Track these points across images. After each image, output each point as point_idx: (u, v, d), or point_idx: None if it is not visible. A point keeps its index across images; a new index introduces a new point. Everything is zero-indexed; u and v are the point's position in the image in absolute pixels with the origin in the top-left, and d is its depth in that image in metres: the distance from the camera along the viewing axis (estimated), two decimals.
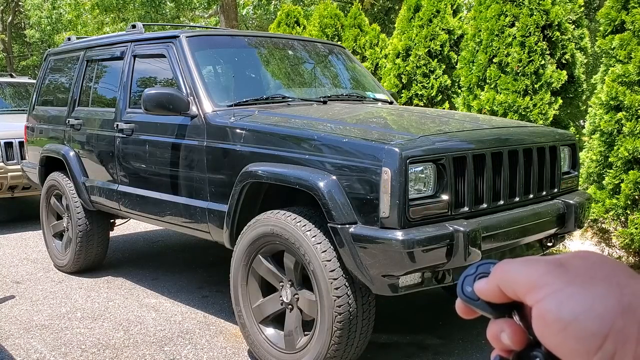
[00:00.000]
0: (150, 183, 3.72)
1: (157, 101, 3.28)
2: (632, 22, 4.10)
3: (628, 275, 0.38)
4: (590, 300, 0.37)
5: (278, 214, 2.77)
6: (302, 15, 7.79)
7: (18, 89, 8.32)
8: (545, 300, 0.38)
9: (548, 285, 0.39)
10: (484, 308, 0.44)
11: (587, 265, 0.40)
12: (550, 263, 0.40)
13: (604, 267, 0.39)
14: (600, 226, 4.46)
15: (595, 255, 0.41)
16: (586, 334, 0.36)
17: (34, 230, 6.25)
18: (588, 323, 0.36)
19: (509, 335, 0.42)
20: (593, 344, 0.36)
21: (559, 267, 0.40)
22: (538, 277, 0.39)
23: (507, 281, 0.41)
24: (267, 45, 4.16)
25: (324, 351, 2.62)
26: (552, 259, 0.41)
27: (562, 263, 0.40)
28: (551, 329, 0.38)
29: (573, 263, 0.40)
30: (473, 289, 0.44)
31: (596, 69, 5.73)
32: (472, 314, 0.45)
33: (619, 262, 0.40)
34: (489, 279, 0.43)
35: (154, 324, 3.62)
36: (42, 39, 24.53)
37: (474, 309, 0.45)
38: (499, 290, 0.42)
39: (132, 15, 15.41)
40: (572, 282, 0.38)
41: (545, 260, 0.41)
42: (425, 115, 3.46)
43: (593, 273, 0.39)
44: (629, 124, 4.05)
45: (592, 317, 0.36)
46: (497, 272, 0.42)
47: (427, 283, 2.57)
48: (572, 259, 0.41)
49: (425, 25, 5.61)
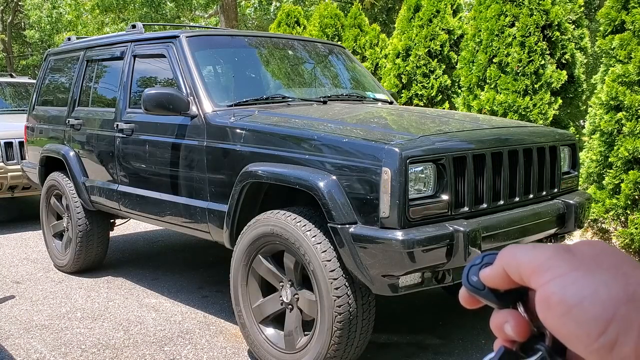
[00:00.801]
0: (150, 183, 3.72)
1: (157, 101, 3.28)
2: (632, 22, 4.10)
3: (634, 266, 0.39)
4: (595, 285, 0.37)
5: (278, 214, 2.77)
6: (303, 15, 7.80)
7: (18, 89, 8.31)
8: (550, 283, 0.38)
9: (554, 268, 0.39)
10: (489, 297, 0.43)
11: (594, 253, 0.40)
12: (558, 248, 0.40)
13: (611, 256, 0.39)
14: (600, 226, 4.46)
15: (602, 244, 0.41)
16: (589, 319, 0.36)
17: (34, 230, 6.25)
18: (592, 308, 0.36)
19: (512, 326, 0.42)
20: (595, 329, 0.36)
21: (566, 252, 0.40)
22: (544, 260, 0.40)
23: (513, 264, 0.41)
24: (267, 45, 4.16)
25: (324, 351, 2.62)
26: (560, 245, 0.41)
27: (570, 249, 0.40)
28: (554, 311, 0.38)
29: (580, 250, 0.40)
30: (479, 278, 0.44)
31: (596, 69, 5.73)
32: (476, 303, 0.45)
33: (625, 253, 0.41)
34: (495, 263, 0.43)
35: (154, 324, 3.62)
36: (42, 39, 24.52)
37: (478, 298, 0.44)
38: (505, 273, 0.42)
39: (132, 16, 15.41)
40: (578, 268, 0.38)
41: (552, 245, 0.41)
42: (425, 115, 3.46)
43: (600, 260, 0.39)
44: (629, 124, 4.05)
45: (596, 302, 0.36)
46: (504, 255, 0.42)
47: (427, 283, 2.57)
48: (579, 246, 0.41)
49: (425, 25, 5.61)
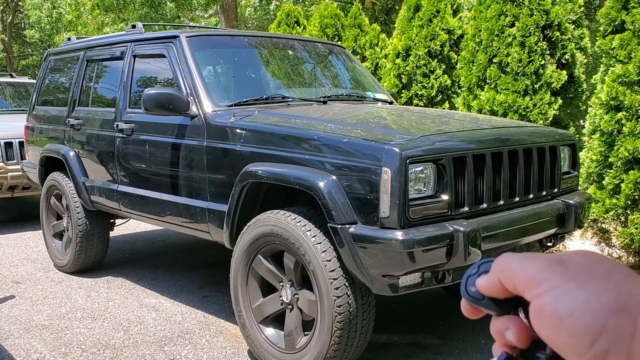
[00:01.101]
0: (150, 183, 3.72)
1: (157, 101, 3.28)
2: (632, 22, 4.10)
3: (626, 274, 0.39)
4: (586, 296, 0.38)
5: (278, 214, 2.77)
6: (302, 15, 7.79)
7: (18, 89, 8.31)
8: (544, 295, 0.39)
9: (547, 281, 0.39)
10: (490, 306, 0.44)
11: (586, 263, 0.40)
12: (550, 260, 0.41)
13: (603, 266, 0.40)
14: (600, 226, 4.46)
15: (594, 254, 0.42)
16: (580, 330, 0.37)
17: (34, 230, 6.25)
18: (583, 318, 0.37)
19: (514, 333, 0.42)
20: (586, 339, 0.36)
21: (559, 264, 0.40)
22: (537, 272, 0.40)
23: (508, 275, 0.42)
24: (267, 45, 4.16)
25: (324, 351, 2.62)
26: (552, 256, 0.41)
27: (562, 260, 0.41)
28: (547, 323, 0.38)
29: (573, 261, 0.41)
30: (477, 288, 0.44)
31: (596, 69, 5.73)
32: (478, 313, 0.46)
33: (618, 262, 0.41)
34: (489, 273, 0.43)
35: (154, 324, 3.62)
36: (42, 39, 24.52)
37: (479, 308, 0.44)
38: (500, 283, 0.42)
39: (132, 16, 15.40)
40: (571, 279, 0.39)
41: (545, 256, 0.41)
42: (425, 115, 3.46)
43: (591, 271, 0.39)
44: (629, 124, 4.05)
45: (587, 313, 0.37)
46: (498, 266, 0.43)
47: (427, 283, 2.57)
48: (572, 256, 0.41)
49: (425, 25, 5.61)
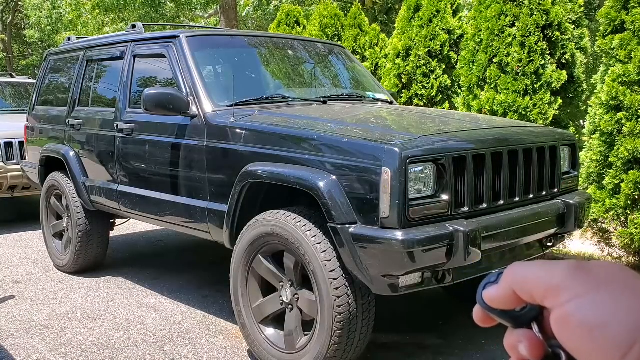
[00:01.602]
0: (150, 183, 3.72)
1: (157, 101, 3.28)
2: (632, 22, 4.10)
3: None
4: (616, 306, 0.37)
5: (278, 214, 2.77)
6: (302, 15, 7.79)
7: (18, 89, 8.31)
8: (569, 304, 0.38)
9: (571, 288, 0.38)
10: (504, 316, 0.43)
11: (608, 273, 0.39)
12: (570, 267, 0.40)
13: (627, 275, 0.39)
14: (600, 226, 4.46)
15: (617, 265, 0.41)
16: (611, 341, 0.36)
17: (34, 230, 6.25)
18: (614, 330, 0.36)
19: (527, 347, 0.42)
20: (618, 351, 0.36)
21: (581, 271, 0.40)
22: (560, 280, 0.39)
23: (524, 284, 0.41)
24: (267, 45, 4.16)
25: (324, 351, 2.62)
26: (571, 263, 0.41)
27: (584, 267, 0.40)
28: (574, 333, 0.38)
29: (593, 269, 0.40)
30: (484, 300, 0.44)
31: (596, 69, 5.73)
32: (491, 322, 0.45)
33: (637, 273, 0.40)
34: (500, 284, 0.42)
35: (154, 324, 3.62)
36: (42, 39, 24.51)
37: (493, 317, 0.44)
38: (512, 293, 0.42)
39: (132, 16, 15.40)
40: (596, 288, 0.38)
41: (565, 262, 0.41)
42: (425, 115, 3.46)
43: (615, 280, 0.39)
44: (629, 124, 4.05)
45: (618, 324, 0.36)
46: (510, 275, 0.42)
47: (427, 283, 2.57)
48: (592, 264, 0.40)
49: (425, 25, 5.61)
